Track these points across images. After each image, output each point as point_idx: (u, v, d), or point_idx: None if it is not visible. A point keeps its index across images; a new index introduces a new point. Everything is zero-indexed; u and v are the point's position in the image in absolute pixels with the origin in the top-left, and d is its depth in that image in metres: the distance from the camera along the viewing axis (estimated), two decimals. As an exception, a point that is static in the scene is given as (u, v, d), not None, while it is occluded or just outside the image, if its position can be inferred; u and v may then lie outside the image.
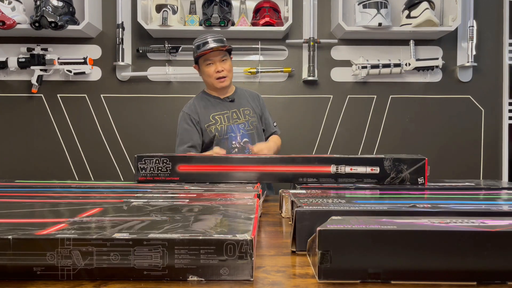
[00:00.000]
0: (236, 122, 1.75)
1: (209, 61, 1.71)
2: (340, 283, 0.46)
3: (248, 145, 1.67)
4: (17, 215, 0.62)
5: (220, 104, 1.78)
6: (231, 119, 1.75)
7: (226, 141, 1.72)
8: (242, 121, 1.76)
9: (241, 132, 1.74)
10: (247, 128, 1.76)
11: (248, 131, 1.75)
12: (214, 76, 1.71)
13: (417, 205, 0.67)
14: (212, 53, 1.69)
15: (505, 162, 2.41)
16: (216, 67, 1.70)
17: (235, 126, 1.74)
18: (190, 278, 0.46)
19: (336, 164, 1.08)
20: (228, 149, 1.71)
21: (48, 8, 2.10)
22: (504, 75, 2.40)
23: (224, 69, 1.71)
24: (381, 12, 2.20)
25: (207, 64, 1.71)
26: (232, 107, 1.78)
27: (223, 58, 1.71)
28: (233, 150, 1.73)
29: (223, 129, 1.73)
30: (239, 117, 1.76)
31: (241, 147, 1.73)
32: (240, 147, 1.73)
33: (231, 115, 1.76)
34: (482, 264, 0.46)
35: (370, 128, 2.42)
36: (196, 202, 0.74)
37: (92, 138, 2.39)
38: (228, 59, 1.74)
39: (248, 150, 1.72)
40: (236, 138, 1.73)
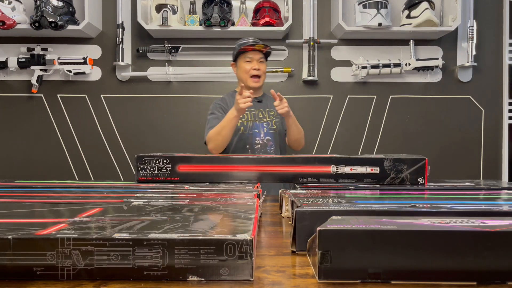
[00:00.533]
0: (261, 120, 1.85)
1: (248, 58, 1.81)
2: (340, 283, 0.46)
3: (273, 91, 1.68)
4: (17, 215, 0.62)
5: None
6: (257, 117, 1.85)
7: (250, 136, 1.81)
8: (266, 120, 1.85)
9: (265, 130, 1.83)
10: (270, 127, 1.85)
11: (271, 130, 1.84)
12: (250, 72, 1.81)
13: (417, 205, 0.67)
14: (252, 52, 1.81)
15: (505, 162, 2.41)
16: (254, 65, 1.80)
17: (260, 124, 1.84)
18: (190, 278, 0.46)
19: (336, 164, 1.08)
20: (251, 144, 1.81)
21: (48, 8, 2.10)
22: (504, 75, 2.40)
23: (260, 69, 1.81)
24: (381, 12, 2.20)
25: (246, 60, 1.81)
26: (259, 106, 1.87)
27: (261, 59, 1.82)
28: (256, 145, 1.81)
29: (249, 124, 1.82)
30: (264, 116, 1.86)
31: (264, 144, 1.83)
32: (263, 144, 1.82)
33: (257, 114, 1.85)
34: (482, 264, 0.46)
35: (370, 128, 2.42)
36: (196, 202, 0.74)
37: (92, 138, 2.39)
38: (265, 62, 1.85)
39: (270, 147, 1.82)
40: (259, 135, 1.82)
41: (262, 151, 1.81)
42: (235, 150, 1.81)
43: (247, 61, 1.81)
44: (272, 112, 1.87)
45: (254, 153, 1.81)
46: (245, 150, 1.80)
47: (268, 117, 1.86)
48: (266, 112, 1.87)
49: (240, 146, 1.81)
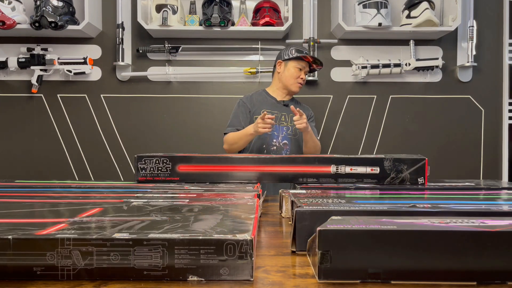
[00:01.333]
0: (282, 124, 1.89)
1: (300, 66, 1.89)
2: (340, 283, 0.46)
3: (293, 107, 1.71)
4: (17, 215, 0.62)
5: (274, 104, 1.92)
6: (278, 119, 1.88)
7: (268, 136, 1.85)
8: (287, 125, 1.89)
9: (283, 134, 1.88)
10: (290, 132, 1.89)
11: (289, 135, 1.89)
12: (298, 80, 1.89)
13: (417, 205, 0.67)
14: (307, 63, 1.90)
15: (505, 162, 2.41)
16: (302, 74, 1.89)
17: (280, 127, 1.88)
18: (190, 278, 0.46)
19: (336, 164, 1.08)
20: (268, 145, 1.86)
21: (48, 8, 2.10)
22: (504, 75, 2.40)
23: (304, 80, 1.91)
24: (381, 12, 2.20)
25: (298, 67, 1.89)
26: (284, 110, 1.91)
27: (306, 70, 1.92)
28: (272, 147, 1.86)
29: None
30: (286, 120, 1.90)
31: (280, 147, 1.87)
32: (278, 147, 1.87)
33: (280, 116, 1.89)
34: (482, 264, 0.46)
35: (370, 128, 2.42)
36: (196, 202, 0.74)
37: (92, 138, 2.39)
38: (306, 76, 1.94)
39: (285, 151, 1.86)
40: (277, 137, 1.87)
41: (277, 153, 1.85)
42: (253, 149, 1.87)
43: (299, 68, 1.88)
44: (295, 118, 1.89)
45: (269, 154, 1.84)
46: (262, 150, 1.86)
47: (290, 122, 1.89)
48: (289, 117, 1.90)
49: (257, 145, 1.86)
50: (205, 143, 2.38)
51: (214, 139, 2.34)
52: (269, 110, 1.87)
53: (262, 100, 1.93)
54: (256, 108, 1.89)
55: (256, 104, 1.91)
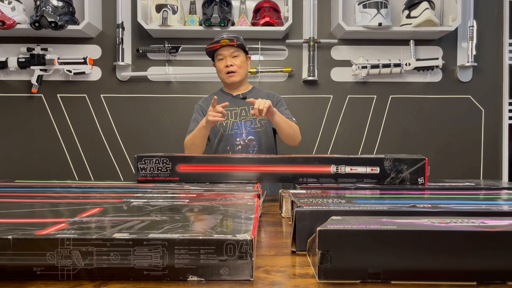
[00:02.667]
0: (244, 119, 1.74)
1: (220, 55, 1.73)
2: (340, 283, 0.46)
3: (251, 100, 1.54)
4: (17, 215, 0.62)
5: (232, 100, 1.75)
6: (239, 115, 1.75)
7: (231, 137, 1.73)
8: (250, 119, 1.74)
9: (247, 130, 1.73)
10: (254, 125, 1.74)
11: (254, 129, 1.74)
12: (224, 70, 1.72)
13: (417, 205, 0.67)
14: (223, 48, 1.71)
15: (505, 162, 2.41)
16: (226, 61, 1.71)
17: (241, 123, 1.74)
18: (190, 278, 0.46)
19: (336, 164, 1.08)
20: (232, 145, 1.73)
21: (48, 8, 2.10)
22: (504, 75, 2.40)
23: (234, 64, 1.71)
24: (381, 12, 2.20)
25: (219, 59, 1.74)
26: (242, 104, 1.76)
27: (234, 53, 1.72)
28: (237, 147, 1.73)
29: (228, 124, 1.73)
30: (247, 115, 1.75)
31: (245, 144, 1.73)
32: (244, 145, 1.73)
33: (240, 112, 1.75)
34: (482, 264, 0.46)
35: (370, 128, 2.42)
36: (196, 202, 0.74)
37: (92, 138, 2.39)
38: (240, 55, 1.73)
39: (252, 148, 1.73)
40: (241, 135, 1.73)
41: (244, 152, 1.72)
42: (216, 152, 1.76)
43: (220, 59, 1.73)
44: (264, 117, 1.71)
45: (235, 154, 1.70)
46: (226, 152, 1.73)
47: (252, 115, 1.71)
48: (250, 110, 1.71)
49: (221, 148, 1.74)
50: (205, 143, 2.38)
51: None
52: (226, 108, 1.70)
53: (219, 99, 1.73)
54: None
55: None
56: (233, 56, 1.72)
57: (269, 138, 1.77)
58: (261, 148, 1.73)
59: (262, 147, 1.73)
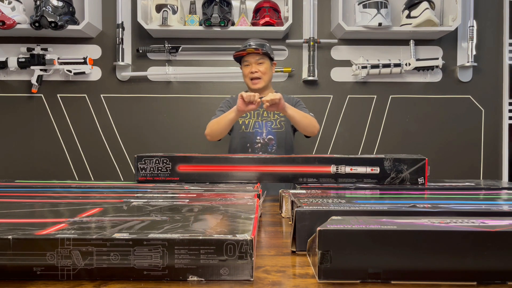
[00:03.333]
0: (265, 119, 1.84)
1: (246, 62, 1.82)
2: (340, 283, 0.46)
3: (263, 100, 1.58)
4: (17, 215, 0.62)
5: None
6: (261, 116, 1.84)
7: (252, 135, 1.83)
8: (271, 119, 1.84)
9: (267, 129, 1.83)
10: (274, 126, 1.84)
11: (274, 129, 1.83)
12: (248, 76, 1.81)
13: (417, 205, 0.67)
14: (249, 55, 1.80)
15: (505, 162, 2.41)
16: (251, 68, 1.80)
17: (262, 123, 1.84)
18: (190, 278, 0.46)
19: (336, 164, 1.08)
20: (251, 143, 1.82)
21: (48, 8, 2.10)
22: (504, 75, 2.40)
23: (258, 70, 1.80)
24: (381, 12, 2.20)
25: (245, 65, 1.83)
26: None
27: (259, 60, 1.80)
28: (256, 145, 1.82)
29: (250, 123, 1.84)
30: (268, 116, 1.85)
31: (265, 143, 1.83)
32: (263, 143, 1.83)
33: (262, 113, 1.84)
34: (482, 264, 0.46)
35: (370, 128, 2.42)
36: (196, 202, 0.74)
37: (92, 138, 2.39)
38: (265, 62, 1.81)
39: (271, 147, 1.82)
40: (261, 134, 1.83)
41: (262, 150, 1.81)
42: (236, 148, 1.84)
43: (246, 65, 1.82)
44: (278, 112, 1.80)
45: (254, 152, 1.82)
46: (246, 149, 1.82)
47: (273, 116, 1.85)
48: (271, 112, 1.83)
49: (241, 145, 1.83)
50: (205, 143, 2.37)
51: (214, 139, 2.34)
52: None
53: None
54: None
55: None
56: (258, 63, 1.81)
57: (287, 139, 1.85)
58: (280, 147, 1.83)
59: (281, 147, 1.83)
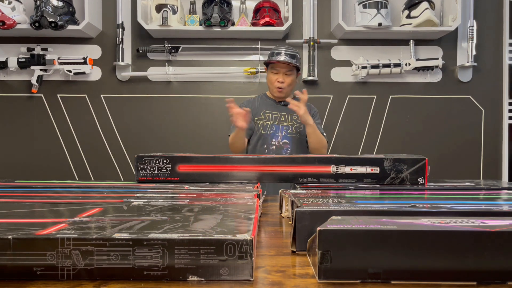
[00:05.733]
0: (282, 123, 1.89)
1: (275, 70, 1.86)
2: (340, 283, 0.46)
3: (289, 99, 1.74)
4: (17, 215, 0.62)
5: (274, 106, 1.93)
6: (278, 119, 1.90)
7: (268, 137, 1.89)
8: (287, 124, 1.89)
9: (283, 133, 1.89)
10: (290, 131, 1.89)
11: (290, 134, 1.89)
12: (274, 84, 1.86)
13: (417, 205, 0.67)
14: (280, 64, 1.84)
15: (505, 162, 2.41)
16: (279, 77, 1.84)
17: (279, 127, 1.89)
18: (190, 278, 0.46)
19: (336, 164, 1.08)
20: (267, 144, 1.89)
21: (48, 8, 2.10)
22: (504, 75, 2.40)
23: (284, 81, 1.84)
24: (381, 12, 2.20)
25: (273, 72, 1.86)
26: (283, 110, 1.91)
27: (288, 71, 1.84)
28: (272, 146, 1.88)
29: (268, 125, 1.89)
30: (286, 120, 1.90)
31: (280, 146, 1.89)
32: (278, 146, 1.88)
33: (279, 117, 1.90)
34: (482, 264, 0.46)
35: (370, 128, 2.42)
36: (196, 202, 0.74)
37: (92, 138, 2.39)
38: (293, 74, 1.86)
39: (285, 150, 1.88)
40: (277, 137, 1.88)
41: (277, 153, 1.87)
42: (254, 149, 1.90)
43: (274, 73, 1.86)
44: (295, 117, 1.88)
45: (269, 153, 1.86)
46: (262, 150, 1.89)
47: (290, 121, 1.90)
48: (289, 117, 1.90)
49: (258, 146, 1.89)
50: (205, 143, 2.38)
51: (214, 139, 2.35)
52: (269, 111, 1.91)
53: (262, 102, 1.95)
54: (257, 110, 1.92)
55: (256, 107, 1.93)
56: (287, 74, 1.85)
57: (302, 145, 1.90)
58: (293, 152, 1.88)
59: (294, 152, 1.88)
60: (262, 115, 1.91)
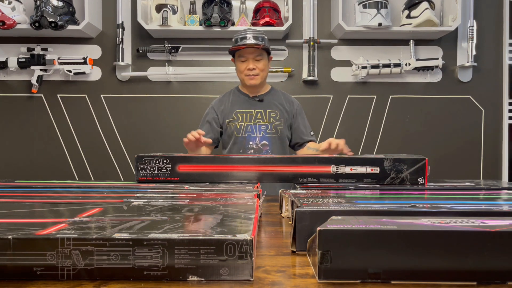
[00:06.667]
0: (259, 122, 1.70)
1: (243, 57, 1.67)
2: (340, 283, 0.46)
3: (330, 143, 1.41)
4: (17, 215, 0.62)
5: (247, 102, 1.74)
6: (254, 118, 1.70)
7: (244, 140, 1.70)
8: (265, 123, 1.70)
9: (261, 134, 1.69)
10: (269, 130, 1.70)
11: (269, 134, 1.70)
12: (244, 73, 1.67)
13: (417, 205, 0.67)
14: (246, 50, 1.64)
15: (505, 162, 2.41)
16: (248, 64, 1.66)
17: (256, 127, 1.69)
18: (190, 278, 0.46)
19: (336, 164, 1.08)
20: (244, 148, 1.70)
21: (48, 8, 2.10)
22: (504, 75, 2.40)
23: (256, 67, 1.66)
24: (381, 12, 2.20)
25: (241, 60, 1.68)
26: (259, 107, 1.72)
27: (257, 56, 1.66)
28: (249, 150, 1.70)
29: (242, 127, 1.70)
30: (263, 118, 1.71)
31: (258, 148, 1.70)
32: (257, 149, 1.70)
33: (255, 115, 1.71)
34: (482, 264, 0.46)
35: (370, 128, 2.42)
36: (196, 202, 0.74)
37: (92, 138, 2.39)
38: (263, 58, 1.68)
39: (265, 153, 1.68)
40: (255, 139, 1.69)
41: None
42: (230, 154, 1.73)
43: (242, 61, 1.67)
44: (274, 114, 1.72)
45: None
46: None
47: (268, 119, 1.70)
48: (266, 114, 1.71)
49: (234, 151, 1.72)
50: (205, 143, 2.38)
51: (214, 139, 2.34)
52: (242, 110, 1.71)
53: (234, 100, 1.75)
54: (228, 110, 1.73)
55: (227, 107, 1.74)
56: (256, 59, 1.66)
57: (283, 145, 1.73)
58: (274, 153, 1.69)
59: (275, 153, 1.70)
60: (234, 116, 1.71)
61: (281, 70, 2.35)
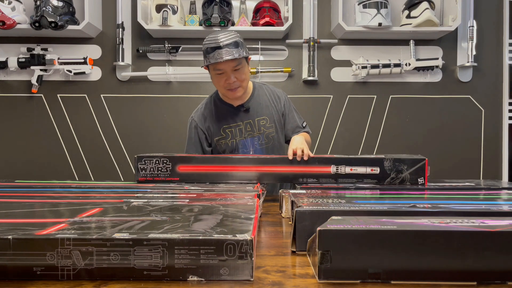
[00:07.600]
0: (250, 135, 1.52)
1: (219, 70, 1.40)
2: (340, 283, 0.46)
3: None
4: (17, 215, 0.62)
5: (233, 114, 1.53)
6: (245, 132, 1.52)
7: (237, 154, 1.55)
8: (257, 134, 1.53)
9: (255, 147, 1.53)
10: (262, 142, 1.53)
11: (262, 145, 1.54)
12: (224, 87, 1.44)
13: (417, 205, 0.67)
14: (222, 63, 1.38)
15: (505, 162, 2.41)
16: (228, 78, 1.41)
17: (249, 140, 1.52)
18: (190, 278, 0.46)
19: (336, 165, 1.08)
20: None
21: (48, 8, 2.10)
22: (504, 75, 2.40)
23: (236, 79, 1.41)
24: (381, 12, 2.20)
25: (218, 73, 1.42)
26: (247, 117, 1.53)
27: (236, 66, 1.39)
28: None
29: (234, 144, 1.52)
30: (253, 130, 1.53)
31: None
32: None
33: (245, 127, 1.52)
34: (482, 264, 0.46)
35: (370, 128, 2.42)
36: (196, 202, 0.74)
37: (92, 138, 2.39)
38: (243, 66, 1.42)
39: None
40: (248, 153, 1.52)
41: None
42: None
43: (218, 74, 1.41)
44: (263, 122, 1.54)
45: None
46: None
47: (259, 129, 1.53)
48: (255, 124, 1.52)
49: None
50: (205, 143, 2.38)
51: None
52: (229, 125, 1.52)
53: (217, 114, 1.54)
54: (214, 128, 1.53)
55: (212, 125, 1.54)
56: (235, 69, 1.40)
57: (280, 150, 1.58)
58: None
59: None
60: (223, 133, 1.52)
61: (281, 70, 2.35)
